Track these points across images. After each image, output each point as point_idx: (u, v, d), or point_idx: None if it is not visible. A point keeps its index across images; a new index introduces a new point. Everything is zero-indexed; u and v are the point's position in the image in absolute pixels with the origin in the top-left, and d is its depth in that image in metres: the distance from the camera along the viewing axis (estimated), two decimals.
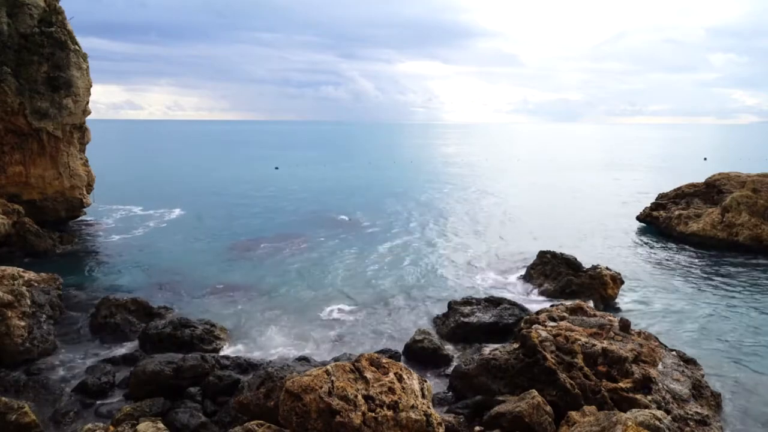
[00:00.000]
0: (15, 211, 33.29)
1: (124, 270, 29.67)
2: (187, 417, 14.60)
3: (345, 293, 26.24)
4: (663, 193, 43.02)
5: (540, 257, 28.04)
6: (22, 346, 18.35)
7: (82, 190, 38.46)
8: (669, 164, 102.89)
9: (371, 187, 66.58)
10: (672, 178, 65.08)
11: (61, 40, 34.90)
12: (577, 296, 23.98)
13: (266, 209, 49.63)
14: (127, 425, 13.21)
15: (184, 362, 16.83)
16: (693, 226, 36.53)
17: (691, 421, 13.72)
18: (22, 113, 33.77)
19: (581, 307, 19.68)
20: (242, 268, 30.35)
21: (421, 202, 54.59)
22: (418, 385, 12.55)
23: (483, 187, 67.08)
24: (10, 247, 31.28)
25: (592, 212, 48.92)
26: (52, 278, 22.69)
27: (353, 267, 30.87)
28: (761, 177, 37.45)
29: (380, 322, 22.87)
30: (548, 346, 15.55)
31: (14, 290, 19.70)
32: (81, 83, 36.24)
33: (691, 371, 16.35)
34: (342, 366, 12.41)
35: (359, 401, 11.53)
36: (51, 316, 20.61)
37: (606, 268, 25.92)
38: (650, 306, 24.75)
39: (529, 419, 13.10)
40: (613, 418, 11.27)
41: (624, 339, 16.59)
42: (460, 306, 22.57)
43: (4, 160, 34.78)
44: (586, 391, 14.34)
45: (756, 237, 33.61)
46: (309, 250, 34.68)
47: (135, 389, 16.29)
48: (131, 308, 22.17)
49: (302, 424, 11.39)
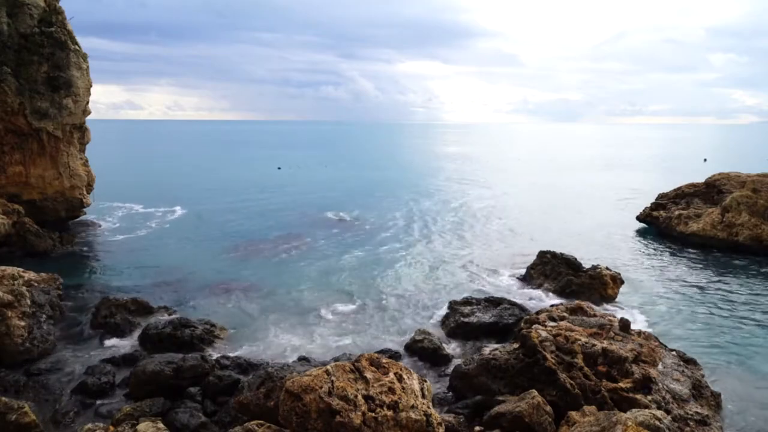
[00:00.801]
0: (15, 211, 33.29)
1: (124, 270, 29.66)
2: (187, 417, 14.60)
3: (345, 293, 26.24)
4: (663, 193, 43.00)
5: (540, 257, 28.04)
6: (22, 346, 18.35)
7: (82, 190, 38.46)
8: (669, 164, 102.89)
9: (372, 187, 66.57)
10: (672, 178, 65.07)
11: (61, 40, 34.90)
12: (577, 296, 23.99)
13: (266, 209, 49.63)
14: (127, 425, 13.21)
15: (184, 362, 16.83)
16: (693, 226, 36.53)
17: (691, 421, 13.72)
18: (22, 113, 33.77)
19: (581, 307, 19.69)
20: (242, 268, 30.34)
21: (422, 202, 54.59)
22: (418, 385, 12.55)
23: (483, 187, 67.07)
24: (10, 247, 31.29)
25: (592, 212, 48.94)
26: (52, 278, 22.69)
27: (354, 267, 30.87)
28: (761, 177, 37.45)
29: (380, 322, 22.88)
30: (548, 346, 15.55)
31: (14, 290, 19.70)
32: (81, 83, 36.24)
33: (691, 371, 16.35)
34: (342, 366, 12.41)
35: (359, 401, 11.53)
36: (51, 316, 20.61)
37: (606, 268, 25.93)
38: (650, 306, 24.75)
39: (529, 419, 13.10)
40: (613, 418, 11.27)
41: (624, 339, 16.59)
42: (460, 306, 22.57)
43: (4, 160, 34.77)
44: (586, 391, 14.35)
45: (756, 237, 33.61)
46: (309, 249, 34.68)
47: (135, 389, 16.29)
48: (131, 308, 22.18)
49: (302, 424, 11.39)
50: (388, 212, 48.48)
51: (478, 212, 49.10)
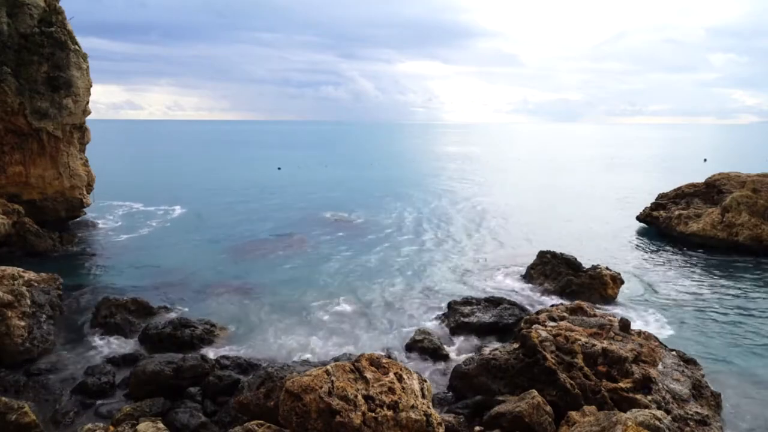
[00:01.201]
0: (15, 211, 33.29)
1: (124, 270, 29.66)
2: (187, 417, 14.61)
3: (345, 293, 26.22)
4: (663, 193, 42.98)
5: (540, 257, 28.04)
6: (22, 346, 18.34)
7: (82, 190, 38.46)
8: (669, 164, 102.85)
9: (372, 187, 66.55)
10: (672, 178, 65.06)
11: (61, 40, 34.89)
12: (577, 296, 23.98)
13: (266, 209, 49.63)
14: (127, 425, 13.21)
15: (184, 362, 16.84)
16: (693, 226, 36.52)
17: (691, 421, 13.72)
18: (22, 113, 33.77)
19: (581, 307, 19.68)
20: (243, 267, 30.34)
21: (422, 202, 54.58)
22: (418, 385, 12.55)
23: (483, 187, 67.05)
24: (10, 247, 31.28)
25: (592, 212, 48.92)
26: (52, 278, 22.69)
27: (354, 267, 30.88)
28: (761, 177, 37.44)
29: (380, 321, 22.87)
30: (548, 346, 15.55)
31: (14, 290, 19.70)
32: (81, 83, 36.24)
33: (691, 371, 16.35)
34: (342, 366, 12.41)
35: (359, 401, 11.53)
36: (51, 316, 20.60)
37: (606, 268, 25.92)
38: (650, 306, 24.73)
39: (529, 419, 13.11)
40: (613, 418, 11.27)
41: (624, 339, 16.59)
42: (460, 306, 22.57)
43: (4, 160, 34.77)
44: (586, 391, 14.35)
45: (756, 237, 33.60)
46: (309, 249, 34.68)
47: (135, 389, 16.29)
48: (131, 308, 22.18)
49: (302, 424, 11.39)
50: (388, 212, 48.48)
51: (478, 212, 49.09)
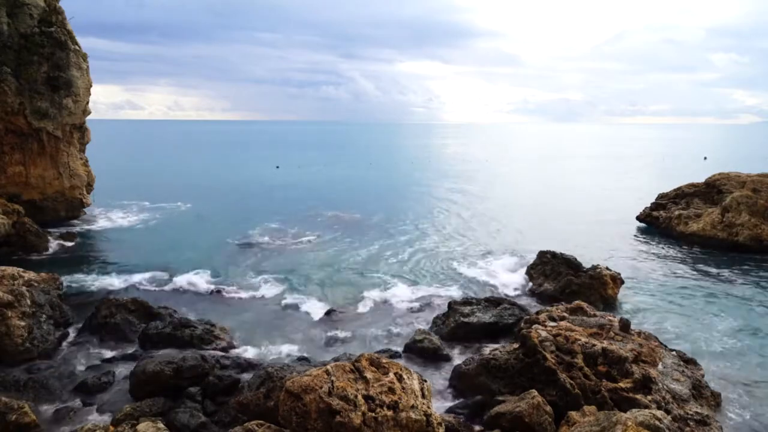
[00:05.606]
0: (15, 211, 33.28)
1: (124, 270, 29.64)
2: (187, 417, 14.60)
3: (345, 292, 26.22)
4: (663, 193, 42.98)
5: (540, 257, 28.03)
6: (22, 346, 18.35)
7: (82, 190, 38.48)
8: (669, 164, 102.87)
9: (372, 186, 66.57)
10: (672, 178, 65.04)
11: (61, 40, 34.92)
12: (577, 296, 23.95)
13: (266, 209, 49.60)
14: (127, 425, 13.21)
15: (184, 362, 16.82)
16: (693, 226, 36.52)
17: (691, 421, 13.72)
18: (22, 113, 33.79)
19: (581, 307, 19.67)
20: (242, 267, 30.32)
21: (422, 202, 54.58)
22: (418, 385, 12.55)
23: (483, 187, 67.05)
24: (10, 247, 31.29)
25: (592, 212, 48.89)
26: (52, 278, 22.69)
27: (353, 266, 30.88)
28: (761, 177, 37.44)
29: (380, 321, 22.87)
30: (548, 346, 15.56)
31: (14, 290, 19.70)
32: (81, 83, 36.26)
33: (691, 371, 16.35)
34: (342, 366, 12.41)
35: (359, 401, 11.53)
36: (51, 316, 20.60)
37: (606, 268, 25.90)
38: (650, 306, 24.73)
39: (529, 419, 13.11)
40: (613, 418, 11.27)
41: (624, 339, 16.59)
42: (460, 306, 22.56)
43: (4, 160, 34.80)
44: (586, 391, 14.35)
45: (756, 237, 33.60)
46: (309, 249, 34.69)
47: (135, 389, 16.29)
48: (131, 308, 22.15)
49: (302, 424, 11.39)
50: (388, 212, 48.46)
51: (478, 212, 49.10)
